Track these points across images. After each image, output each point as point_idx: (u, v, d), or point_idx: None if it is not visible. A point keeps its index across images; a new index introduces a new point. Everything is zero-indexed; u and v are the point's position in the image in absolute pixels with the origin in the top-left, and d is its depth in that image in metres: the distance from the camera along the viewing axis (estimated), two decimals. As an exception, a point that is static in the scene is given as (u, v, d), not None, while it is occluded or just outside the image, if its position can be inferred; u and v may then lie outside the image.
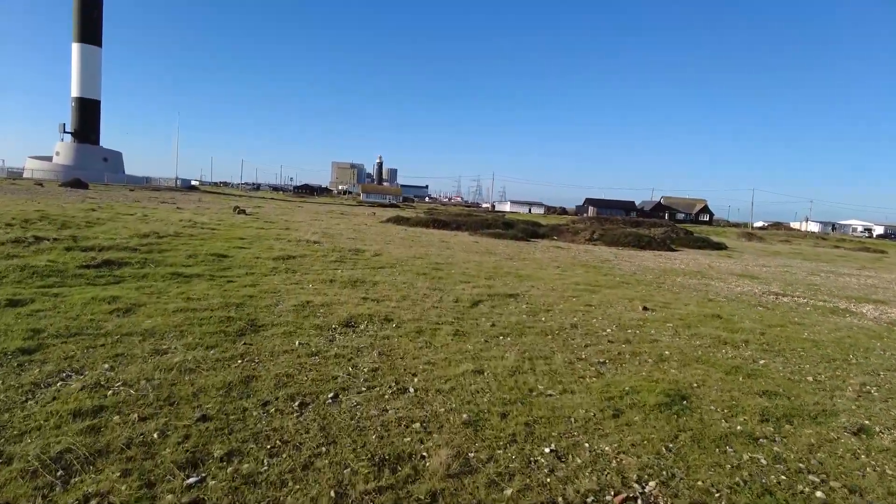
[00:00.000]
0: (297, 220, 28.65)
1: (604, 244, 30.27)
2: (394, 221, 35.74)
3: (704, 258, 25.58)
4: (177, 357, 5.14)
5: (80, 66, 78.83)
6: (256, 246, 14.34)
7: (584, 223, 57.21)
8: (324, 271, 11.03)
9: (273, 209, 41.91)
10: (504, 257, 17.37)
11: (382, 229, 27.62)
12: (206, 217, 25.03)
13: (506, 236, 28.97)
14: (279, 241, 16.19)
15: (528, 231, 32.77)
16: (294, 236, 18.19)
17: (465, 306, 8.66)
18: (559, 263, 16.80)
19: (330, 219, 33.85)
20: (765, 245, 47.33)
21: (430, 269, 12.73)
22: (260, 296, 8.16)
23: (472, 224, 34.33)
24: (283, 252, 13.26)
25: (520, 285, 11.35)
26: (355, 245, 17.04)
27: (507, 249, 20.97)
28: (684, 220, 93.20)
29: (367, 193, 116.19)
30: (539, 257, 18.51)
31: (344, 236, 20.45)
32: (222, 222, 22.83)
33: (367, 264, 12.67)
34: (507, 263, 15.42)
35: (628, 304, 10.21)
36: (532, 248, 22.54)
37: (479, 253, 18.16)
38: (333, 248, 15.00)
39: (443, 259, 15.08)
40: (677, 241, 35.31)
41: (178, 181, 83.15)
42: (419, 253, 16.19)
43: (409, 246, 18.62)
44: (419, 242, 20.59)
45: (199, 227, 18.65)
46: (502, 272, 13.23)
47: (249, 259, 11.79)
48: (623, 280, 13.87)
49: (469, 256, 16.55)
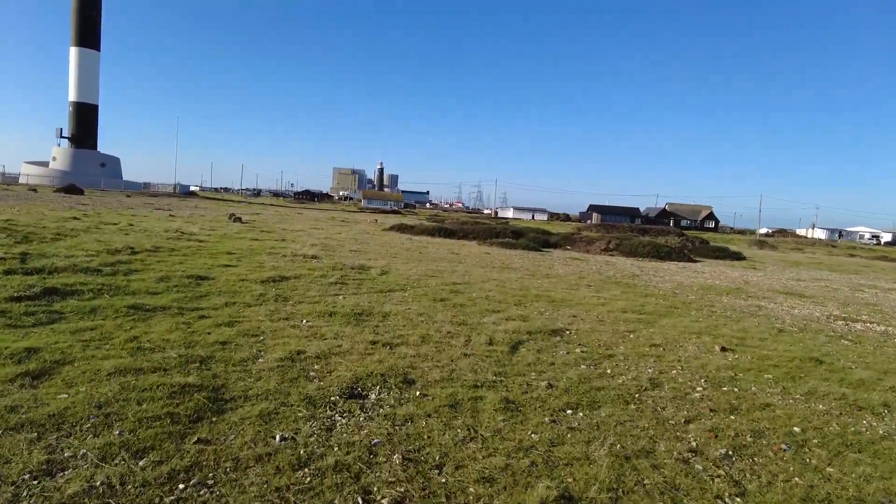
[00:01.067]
0: (295, 229, 26.66)
1: (621, 254, 28.29)
2: (397, 229, 33.77)
3: (731, 271, 23.59)
4: (76, 483, 3.11)
5: (78, 71, 77.09)
6: (245, 263, 12.33)
7: (594, 231, 55.18)
8: (321, 298, 9.01)
9: (271, 216, 39.94)
10: (525, 273, 15.36)
11: (386, 239, 25.64)
12: (197, 226, 23.04)
13: (517, 246, 26.99)
14: (273, 255, 14.17)
15: (539, 240, 30.81)
16: (290, 249, 16.18)
17: (504, 351, 6.64)
18: (588, 280, 14.80)
19: (331, 227, 31.86)
20: (780, 254, 45.36)
21: (447, 291, 10.72)
22: (236, 341, 6.13)
23: (479, 233, 32.36)
24: (275, 271, 11.24)
25: (558, 315, 9.34)
26: (358, 259, 15.04)
27: (524, 262, 18.97)
28: (689, 227, 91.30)
29: (368, 199, 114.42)
30: (562, 273, 16.50)
31: (345, 248, 18.45)
32: (214, 232, 20.84)
33: (372, 286, 10.65)
34: (532, 283, 13.41)
35: (698, 340, 8.19)
36: (550, 261, 20.54)
37: (496, 268, 16.16)
38: (334, 266, 12.98)
39: (458, 277, 13.08)
40: (694, 250, 33.35)
41: (177, 187, 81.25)
42: (430, 269, 14.20)
43: (417, 260, 16.62)
44: (427, 255, 18.60)
45: (185, 239, 16.64)
46: (531, 295, 11.21)
47: (234, 282, 9.77)
48: (670, 304, 11.85)
49: (486, 273, 14.54)
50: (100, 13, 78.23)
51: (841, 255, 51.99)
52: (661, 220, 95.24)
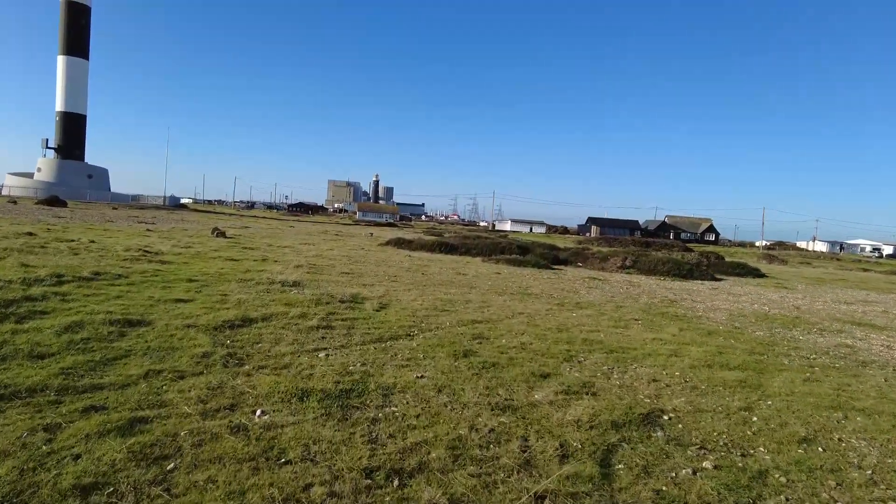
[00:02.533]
0: (282, 245, 23.85)
1: (639, 272, 25.63)
2: (394, 244, 31.00)
3: (765, 291, 20.95)
4: None
5: (66, 80, 74.38)
6: (205, 296, 9.52)
7: (602, 245, 52.48)
8: (294, 359, 6.20)
9: (260, 230, 37.11)
10: (552, 302, 12.61)
11: (383, 255, 22.87)
12: (170, 243, 20.19)
13: (526, 264, 24.26)
14: (244, 283, 11.36)
15: (547, 256, 28.09)
16: (270, 272, 13.39)
17: (593, 475, 3.88)
18: (630, 311, 12.06)
19: (322, 242, 29.06)
20: (793, 268, 42.88)
21: (468, 338, 7.94)
22: (118, 480, 3.35)
23: (483, 248, 29.65)
24: (238, 310, 8.43)
25: (632, 378, 6.56)
26: (350, 286, 12.27)
27: (542, 285, 16.24)
28: (690, 240, 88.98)
29: (363, 212, 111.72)
30: (593, 299, 13.75)
31: (336, 269, 15.66)
32: (187, 250, 18.01)
33: (368, 331, 7.85)
34: (568, 317, 10.64)
35: (842, 423, 5.47)
36: (569, 283, 17.80)
37: (515, 295, 13.41)
38: (318, 298, 10.16)
39: (476, 311, 10.31)
40: (711, 266, 30.77)
41: (167, 199, 78.26)
42: (439, 299, 11.42)
43: (420, 284, 13.86)
44: (431, 277, 15.84)
45: (144, 261, 13.81)
46: (578, 340, 8.44)
47: (175, 330, 6.96)
48: (749, 348, 9.10)
49: (507, 303, 11.78)
50: (89, 21, 75.71)
51: (854, 269, 49.62)
52: (661, 233, 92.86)
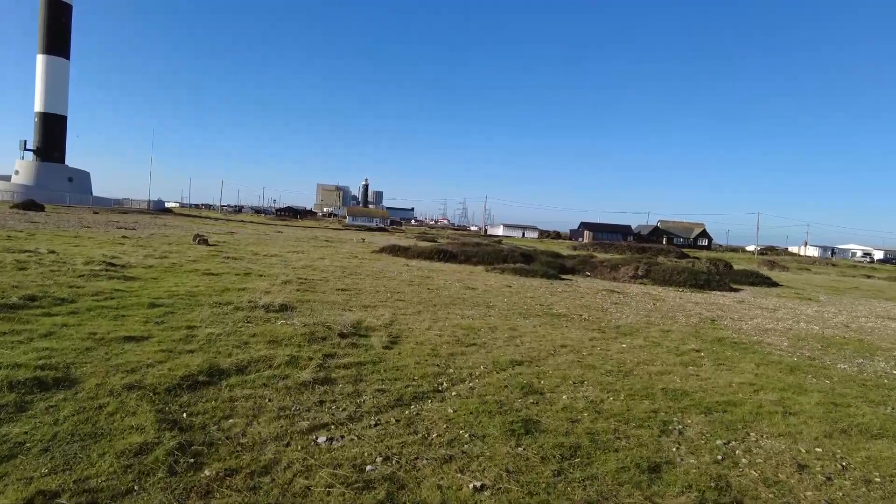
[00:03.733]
0: (269, 254, 21.64)
1: (653, 283, 23.77)
2: (390, 252, 28.89)
3: (797, 305, 19.16)
4: None
5: (46, 80, 71.35)
6: (166, 328, 7.36)
7: (593, 249, 50.74)
8: (280, 451, 4.06)
9: (246, 236, 34.77)
10: (590, 327, 10.58)
11: (379, 265, 20.76)
12: (143, 252, 17.89)
13: (534, 274, 22.30)
14: (220, 309, 9.19)
15: (554, 265, 26.15)
16: (253, 291, 11.24)
17: None
18: (679, 336, 10.10)
19: (312, 249, 26.85)
20: (798, 275, 41.38)
21: (518, 395, 5.84)
22: None
23: (484, 256, 27.62)
24: (206, 354, 6.28)
25: (762, 460, 4.52)
26: (349, 308, 10.17)
27: (564, 301, 14.25)
28: (683, 245, 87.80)
29: (353, 216, 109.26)
30: (632, 322, 11.71)
31: (330, 285, 13.54)
32: (162, 261, 15.77)
33: (381, 389, 5.70)
34: (620, 351, 8.59)
35: None
36: (591, 297, 15.80)
37: (543, 317, 11.38)
38: (312, 331, 8.02)
39: (510, 346, 8.26)
40: (723, 275, 29.02)
41: (151, 203, 75.36)
42: (458, 326, 9.37)
43: (431, 304, 11.79)
44: (440, 294, 13.78)
45: (105, 277, 11.58)
46: (657, 394, 6.37)
47: (107, 395, 4.79)
48: (863, 395, 7.12)
49: (541, 330, 9.74)
50: (70, 20, 72.79)
51: (856, 275, 48.35)
52: (654, 238, 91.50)
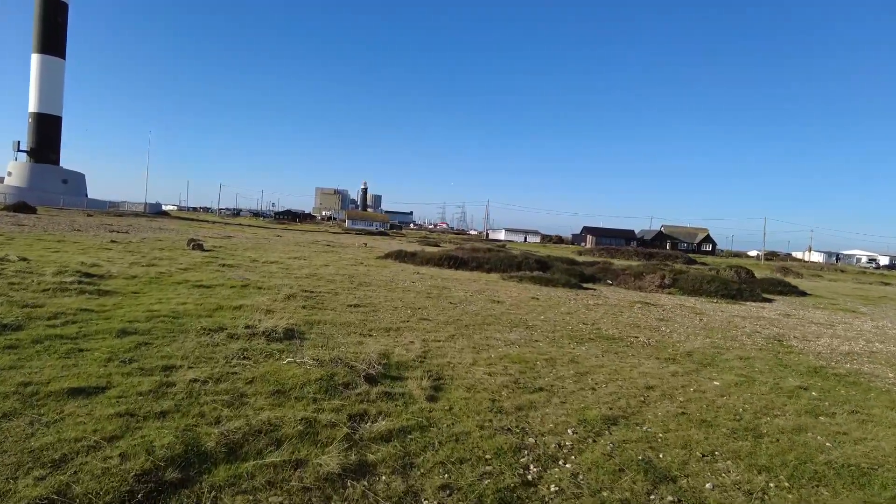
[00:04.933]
0: (269, 261, 19.75)
1: (682, 292, 21.99)
2: (396, 258, 27.01)
3: (846, 318, 17.36)
4: None
5: (40, 79, 69.37)
6: (134, 373, 5.46)
7: (599, 254, 48.82)
8: None
9: (245, 240, 32.85)
10: (661, 356, 8.73)
11: (388, 273, 18.91)
12: (130, 259, 15.99)
13: (556, 283, 20.47)
14: (208, 338, 7.29)
15: (573, 272, 24.28)
16: (250, 310, 9.35)
17: None
18: (765, 366, 8.27)
19: (315, 255, 24.95)
20: (819, 283, 39.63)
21: (638, 476, 3.97)
22: None
23: (496, 263, 25.77)
24: (183, 418, 4.38)
25: None
26: (368, 332, 8.32)
27: (606, 318, 12.41)
28: (687, 250, 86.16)
29: (353, 220, 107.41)
30: (699, 346, 9.87)
31: (340, 299, 11.66)
32: (148, 270, 13.87)
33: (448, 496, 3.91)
34: (719, 392, 6.71)
35: None
36: (629, 311, 13.96)
37: (598, 341, 9.53)
38: (330, 372, 6.10)
39: (586, 391, 6.39)
40: (751, 284, 27.25)
41: (147, 206, 73.35)
42: (508, 359, 7.50)
43: (462, 325, 9.93)
44: (467, 309, 11.91)
45: (74, 292, 9.68)
46: (826, 473, 4.60)
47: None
48: None
49: (606, 362, 7.87)
50: (66, 19, 70.88)
51: (874, 282, 46.67)
52: (658, 243, 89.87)
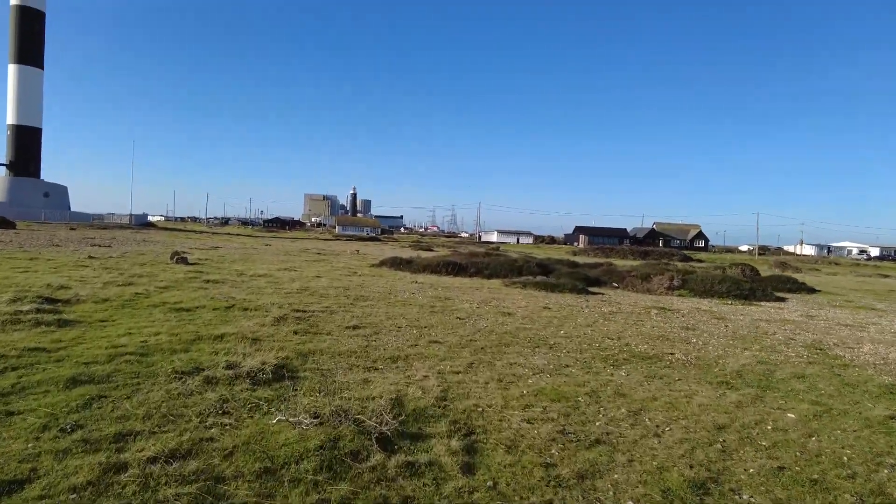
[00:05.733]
0: (257, 274, 18.36)
1: (693, 294, 20.93)
2: (391, 265, 25.69)
3: (870, 317, 16.32)
4: None
5: (18, 90, 67.30)
6: (72, 445, 4.13)
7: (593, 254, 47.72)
8: None
9: (232, 251, 31.37)
10: (711, 379, 7.51)
11: (385, 283, 17.60)
12: (105, 278, 14.54)
13: (562, 289, 19.25)
14: (182, 382, 5.95)
15: (578, 276, 23.09)
16: (234, 341, 8.04)
17: None
18: (816, 383, 7.11)
19: (306, 265, 23.58)
20: (820, 278, 38.84)
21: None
22: None
23: (496, 268, 24.58)
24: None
25: None
26: (373, 367, 7.03)
27: (628, 330, 11.21)
28: (680, 247, 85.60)
29: (343, 226, 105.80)
30: (744, 365, 8.70)
31: (336, 319, 10.35)
32: (122, 291, 12.45)
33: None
34: (794, 431, 5.56)
35: None
36: (647, 319, 12.78)
37: (633, 362, 8.30)
38: (331, 431, 4.76)
39: (652, 440, 5.13)
40: (761, 282, 26.27)
41: (132, 218, 71.39)
42: (541, 393, 6.25)
43: (477, 347, 8.67)
44: (476, 325, 10.66)
45: (28, 325, 8.29)
46: None
47: None
48: None
49: (655, 391, 6.64)
50: (43, 28, 68.89)
51: (872, 274, 46.05)
52: (650, 241, 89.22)
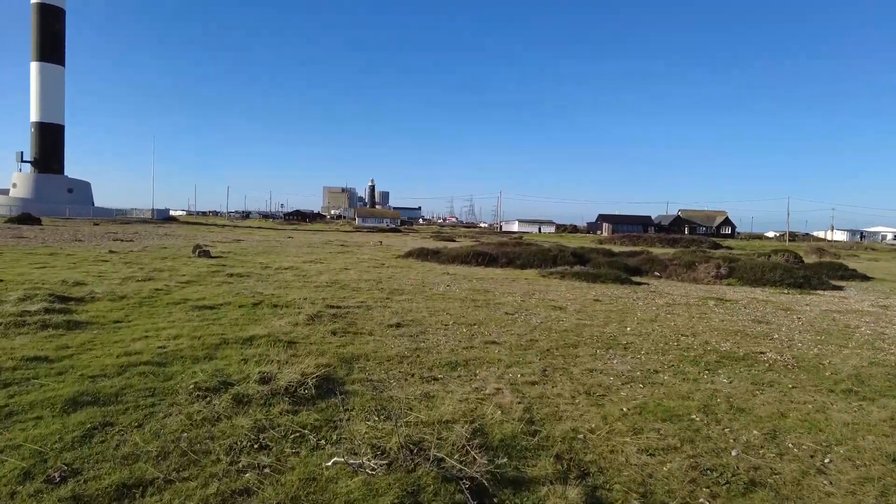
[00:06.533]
0: (282, 267, 17.41)
1: (742, 283, 19.47)
2: (418, 256, 24.61)
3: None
4: None
5: (41, 88, 67.48)
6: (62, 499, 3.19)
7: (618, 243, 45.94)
8: None
9: (255, 244, 30.61)
10: (815, 382, 6.22)
11: (416, 275, 16.50)
12: (124, 273, 13.69)
13: (605, 279, 17.94)
14: (206, 402, 4.85)
15: (616, 265, 21.72)
16: (265, 342, 6.99)
17: None
18: None
19: (330, 257, 22.62)
20: (865, 264, 36.75)
21: None
22: None
23: (528, 258, 23.30)
24: None
25: None
26: (432, 377, 5.88)
27: (697, 323, 9.91)
28: (706, 234, 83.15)
29: (363, 218, 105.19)
30: (860, 367, 7.42)
31: (375, 316, 9.26)
32: (142, 287, 11.53)
33: None
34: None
35: None
36: (713, 311, 11.47)
37: (732, 365, 7.02)
38: (402, 475, 3.69)
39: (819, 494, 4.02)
40: (813, 269, 24.57)
41: (154, 212, 71.49)
42: (651, 414, 5.05)
43: (542, 350, 7.49)
44: (529, 322, 9.49)
45: (33, 326, 7.35)
46: None
47: None
48: None
49: (780, 406, 5.42)
50: (63, 25, 68.85)
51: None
52: (675, 228, 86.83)
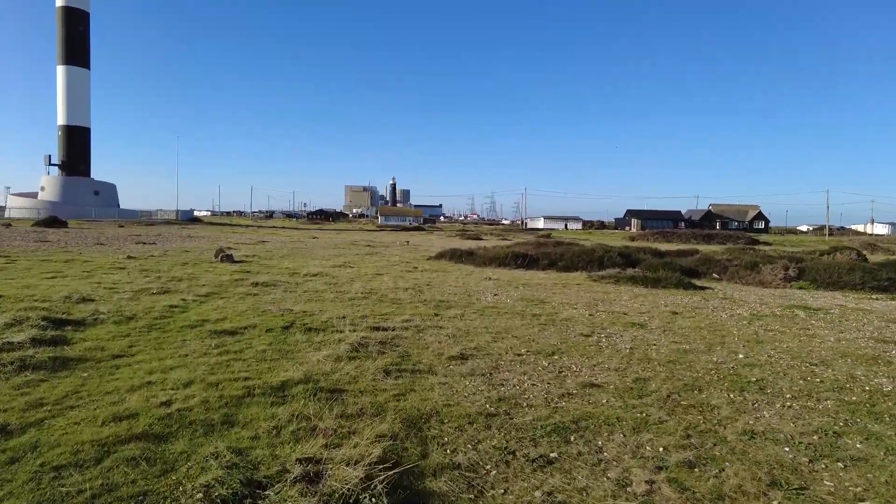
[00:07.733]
0: (310, 273, 15.88)
1: (816, 286, 17.38)
2: (451, 258, 22.91)
3: None
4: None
5: (67, 91, 67.55)
6: None
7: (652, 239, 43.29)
8: None
9: (280, 245, 29.28)
10: None
11: (455, 281, 14.80)
12: (140, 282, 12.28)
13: (665, 283, 16.02)
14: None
15: (673, 267, 19.74)
16: (301, 389, 5.37)
17: None
18: None
19: (359, 259, 21.08)
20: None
21: None
22: None
23: (571, 259, 21.43)
24: None
25: None
26: (547, 463, 4.18)
27: (800, 343, 8.02)
28: (738, 229, 79.85)
29: (385, 216, 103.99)
30: None
31: (430, 343, 7.58)
32: (156, 302, 10.07)
33: None
34: None
35: None
36: (808, 323, 9.53)
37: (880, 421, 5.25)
38: None
39: None
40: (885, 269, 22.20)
41: (179, 213, 71.18)
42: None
43: (662, 399, 5.69)
44: (616, 347, 7.72)
45: (10, 367, 5.90)
46: None
47: None
48: None
49: None
50: (88, 28, 68.78)
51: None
52: (706, 223, 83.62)
